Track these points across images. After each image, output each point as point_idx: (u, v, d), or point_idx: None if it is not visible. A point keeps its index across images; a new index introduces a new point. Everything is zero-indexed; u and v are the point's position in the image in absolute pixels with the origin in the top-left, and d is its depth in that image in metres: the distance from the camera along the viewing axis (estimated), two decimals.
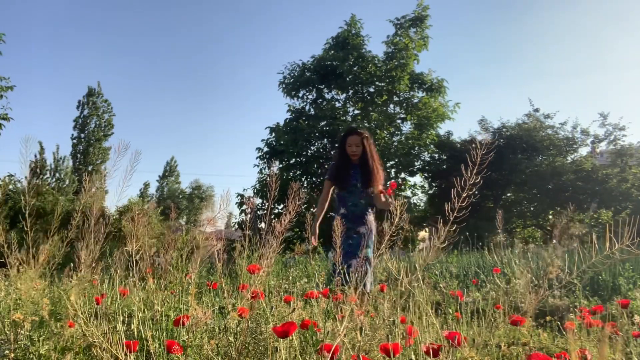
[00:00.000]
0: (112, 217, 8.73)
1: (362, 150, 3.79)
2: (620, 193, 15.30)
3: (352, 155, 3.77)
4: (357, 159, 3.79)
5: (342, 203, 3.74)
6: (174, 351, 1.50)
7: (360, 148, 3.78)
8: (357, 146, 3.77)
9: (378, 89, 17.41)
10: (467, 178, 1.35)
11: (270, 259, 1.77)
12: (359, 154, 3.78)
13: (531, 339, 2.41)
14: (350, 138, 3.80)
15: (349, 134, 3.84)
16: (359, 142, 3.78)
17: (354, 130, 3.87)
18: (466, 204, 1.37)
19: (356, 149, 3.77)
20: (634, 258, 5.52)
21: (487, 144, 1.34)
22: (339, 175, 3.80)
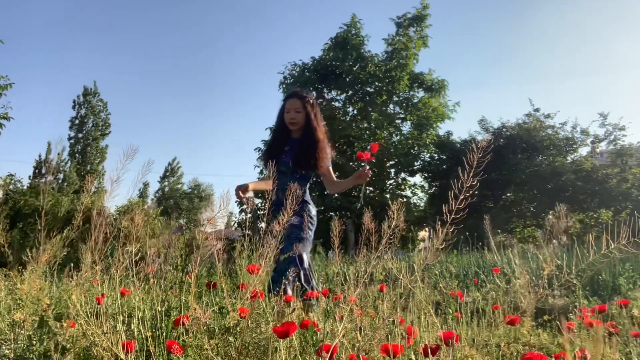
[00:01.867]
0: (113, 217, 8.74)
1: (304, 117, 2.98)
2: (620, 193, 15.29)
3: (290, 124, 2.97)
4: (298, 129, 3.00)
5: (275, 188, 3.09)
6: (174, 351, 1.50)
7: (301, 115, 2.98)
8: (298, 112, 2.97)
9: (378, 88, 17.41)
10: (464, 181, 1.36)
11: (269, 259, 1.77)
12: (299, 123, 2.98)
13: (531, 338, 2.41)
14: (289, 102, 3.01)
15: (289, 97, 3.07)
16: (299, 107, 2.98)
17: (295, 93, 3.07)
18: (463, 205, 1.38)
19: (295, 115, 2.97)
20: (634, 258, 5.52)
21: (483, 146, 1.34)
22: (269, 150, 3.04)
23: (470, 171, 1.34)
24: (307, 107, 2.99)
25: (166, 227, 10.72)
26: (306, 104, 2.99)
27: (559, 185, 15.78)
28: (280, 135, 3.05)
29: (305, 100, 2.99)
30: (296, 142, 2.99)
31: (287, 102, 3.03)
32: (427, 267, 5.01)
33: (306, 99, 3.00)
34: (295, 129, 3.02)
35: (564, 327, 2.33)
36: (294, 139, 3.02)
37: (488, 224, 2.58)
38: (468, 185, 1.35)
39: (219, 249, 2.37)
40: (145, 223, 2.21)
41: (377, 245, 1.64)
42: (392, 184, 17.47)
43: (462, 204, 1.38)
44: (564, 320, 2.58)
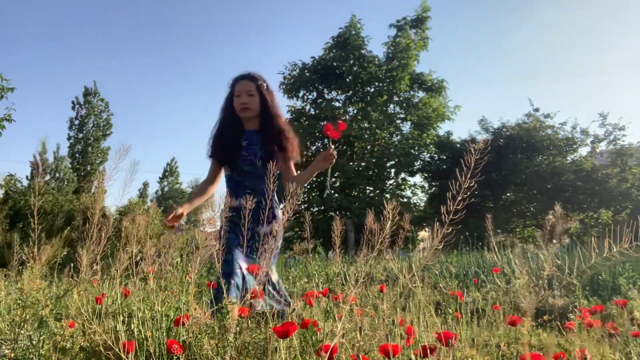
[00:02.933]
0: (113, 217, 8.75)
1: (259, 102, 2.46)
2: (620, 193, 15.30)
3: (241, 110, 2.43)
4: (252, 118, 2.49)
5: (233, 191, 2.43)
6: (174, 351, 1.50)
7: (254, 99, 2.44)
8: (250, 95, 2.44)
9: (378, 89, 17.41)
10: (462, 182, 1.36)
11: (269, 259, 1.77)
12: (253, 109, 2.45)
13: (531, 338, 2.41)
14: (239, 85, 2.46)
15: (238, 79, 2.51)
16: (252, 89, 2.44)
17: (245, 74, 2.53)
18: (463, 206, 1.38)
19: (248, 99, 2.43)
20: (634, 258, 5.52)
21: (480, 148, 1.34)
22: (223, 146, 2.48)
23: (468, 173, 1.35)
24: (262, 90, 2.46)
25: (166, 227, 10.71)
26: (260, 87, 2.45)
27: (559, 185, 15.78)
28: (231, 127, 2.46)
29: (258, 83, 2.46)
30: (256, 134, 2.45)
31: (236, 85, 2.47)
32: (427, 267, 5.01)
33: (259, 82, 2.48)
34: (249, 117, 2.46)
35: (566, 328, 2.33)
36: (250, 130, 2.48)
37: (489, 224, 2.57)
38: (466, 187, 1.35)
39: (218, 249, 2.37)
40: (147, 224, 2.21)
41: (379, 245, 1.64)
42: (392, 184, 17.48)
43: (460, 205, 1.38)
44: (565, 320, 2.59)
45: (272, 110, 2.49)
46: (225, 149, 2.47)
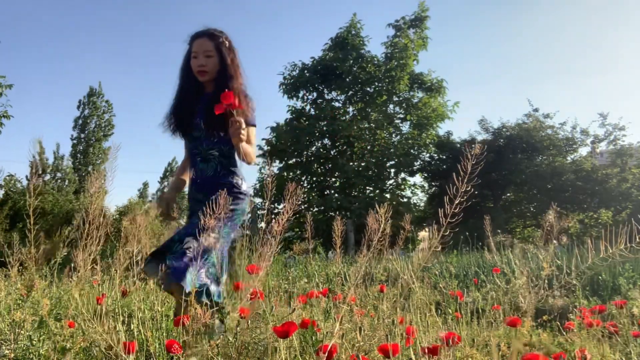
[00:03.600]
0: (112, 217, 8.74)
1: (219, 62, 2.19)
2: (620, 193, 15.30)
3: (199, 73, 2.19)
4: (211, 80, 2.23)
5: (190, 161, 2.28)
6: (174, 350, 1.50)
7: (213, 60, 2.19)
8: (209, 56, 2.18)
9: (378, 89, 17.42)
10: (459, 185, 1.36)
11: (269, 259, 1.77)
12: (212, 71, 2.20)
13: (531, 338, 2.41)
14: (197, 43, 2.20)
15: (196, 37, 2.25)
16: (211, 49, 2.18)
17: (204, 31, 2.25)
18: (461, 208, 1.38)
19: (206, 60, 2.18)
20: (634, 258, 5.52)
21: (477, 154, 1.34)
22: (177, 112, 2.25)
23: (464, 177, 1.35)
24: (222, 49, 2.18)
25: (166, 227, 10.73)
26: (220, 45, 2.18)
27: (559, 185, 15.79)
28: (189, 91, 2.24)
29: (219, 41, 2.19)
30: (209, 96, 2.19)
31: (194, 43, 2.21)
32: (427, 268, 5.01)
33: (220, 39, 2.20)
34: (208, 80, 2.22)
35: (566, 328, 2.33)
36: (208, 93, 2.23)
37: (488, 224, 2.56)
38: (463, 190, 1.35)
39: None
40: (147, 224, 2.22)
41: (380, 245, 1.64)
42: (392, 184, 17.48)
43: (458, 208, 1.38)
44: (565, 320, 2.59)
45: (229, 72, 2.19)
46: (180, 115, 2.24)
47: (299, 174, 17.19)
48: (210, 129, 2.17)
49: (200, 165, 2.19)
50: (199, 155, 2.20)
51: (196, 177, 2.21)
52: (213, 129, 2.16)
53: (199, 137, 2.20)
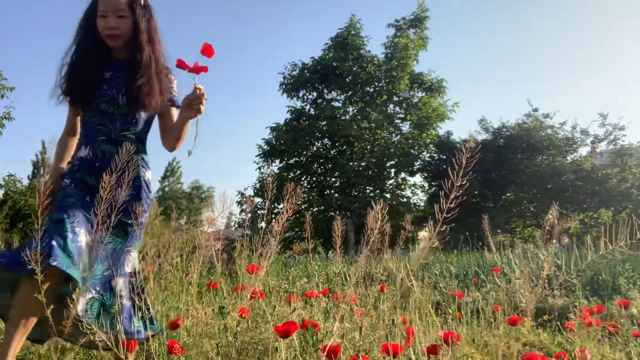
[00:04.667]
0: None
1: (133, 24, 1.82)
2: (620, 193, 15.30)
3: (109, 37, 1.80)
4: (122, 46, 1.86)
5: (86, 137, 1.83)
6: (174, 351, 1.50)
7: (126, 21, 1.81)
8: (121, 16, 1.80)
9: (378, 89, 17.43)
10: (455, 181, 1.36)
11: (269, 259, 1.78)
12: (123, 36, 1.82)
13: (531, 338, 2.41)
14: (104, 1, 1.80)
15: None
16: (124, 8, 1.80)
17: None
18: (456, 205, 1.38)
19: (117, 22, 1.80)
20: (634, 258, 5.53)
21: (471, 147, 1.35)
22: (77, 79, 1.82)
23: (460, 172, 1.35)
24: (137, 9, 1.81)
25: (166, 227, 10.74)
26: (135, 4, 1.81)
27: (559, 185, 15.79)
28: (92, 56, 1.82)
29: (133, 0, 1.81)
30: (125, 64, 1.85)
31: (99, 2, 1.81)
32: (427, 267, 5.00)
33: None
34: (118, 45, 1.84)
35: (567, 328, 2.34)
36: (118, 60, 1.87)
37: (486, 224, 2.57)
38: (458, 185, 1.35)
39: (218, 249, 2.37)
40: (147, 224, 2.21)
41: (379, 244, 1.64)
42: (392, 184, 17.49)
43: (453, 203, 1.38)
44: (564, 319, 2.59)
45: (149, 35, 1.85)
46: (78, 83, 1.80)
47: (298, 174, 17.19)
48: (132, 105, 1.80)
49: (105, 147, 1.76)
50: (105, 135, 1.78)
51: (94, 157, 1.76)
52: (135, 105, 1.81)
53: (111, 113, 1.79)
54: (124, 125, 1.81)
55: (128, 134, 1.82)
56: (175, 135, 1.87)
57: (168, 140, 1.91)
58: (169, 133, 1.90)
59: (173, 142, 1.89)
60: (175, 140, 1.88)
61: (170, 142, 1.90)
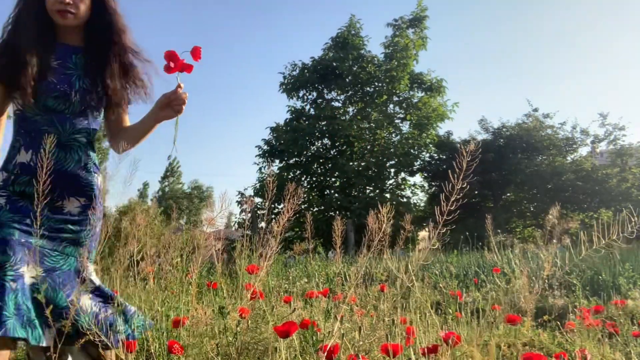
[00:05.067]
0: (113, 217, 8.75)
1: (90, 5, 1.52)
2: (620, 193, 15.30)
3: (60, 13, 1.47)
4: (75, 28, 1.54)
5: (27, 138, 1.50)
6: (174, 351, 1.50)
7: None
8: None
9: (378, 89, 17.44)
10: (456, 183, 1.36)
11: (269, 260, 1.78)
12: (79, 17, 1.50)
13: (532, 338, 2.42)
14: None
15: None
16: None
17: None
18: (457, 207, 1.38)
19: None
20: (634, 258, 5.53)
21: (472, 150, 1.35)
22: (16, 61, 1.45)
23: (460, 174, 1.35)
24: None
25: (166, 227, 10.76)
26: None
27: (559, 185, 15.80)
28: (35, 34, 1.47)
29: None
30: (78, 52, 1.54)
31: None
32: (427, 267, 5.01)
33: None
34: (71, 25, 1.51)
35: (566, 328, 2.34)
36: (67, 45, 1.54)
37: (489, 224, 2.56)
38: (459, 188, 1.35)
39: (218, 249, 2.37)
40: (147, 224, 2.21)
41: (380, 245, 1.64)
42: (392, 184, 17.49)
43: (454, 205, 1.38)
44: (564, 319, 2.59)
45: (113, 20, 1.54)
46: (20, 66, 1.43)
47: (298, 174, 17.20)
48: (89, 104, 1.53)
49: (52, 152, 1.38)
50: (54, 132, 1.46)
51: (35, 164, 1.42)
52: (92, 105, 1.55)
53: (60, 112, 1.49)
54: (75, 127, 1.51)
55: (79, 137, 1.53)
56: (138, 135, 1.66)
57: (124, 139, 1.64)
58: (125, 133, 1.67)
59: (130, 143, 1.65)
60: (135, 141, 1.66)
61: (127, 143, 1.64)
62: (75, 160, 1.52)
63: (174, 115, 1.58)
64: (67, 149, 1.51)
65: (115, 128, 1.70)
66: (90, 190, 1.54)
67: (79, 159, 1.53)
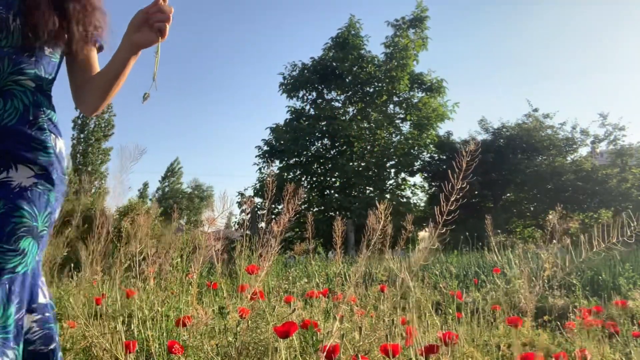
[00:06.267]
0: (113, 217, 8.74)
1: None
2: (620, 193, 15.31)
3: None
4: None
5: None
6: (174, 351, 1.50)
7: None
8: None
9: (378, 89, 17.45)
10: (455, 184, 1.36)
11: (268, 260, 1.78)
12: None
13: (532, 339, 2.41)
14: None
15: None
16: None
17: None
18: (457, 207, 1.38)
19: None
20: (634, 258, 5.53)
21: (472, 150, 1.35)
22: None
23: (460, 173, 1.35)
24: None
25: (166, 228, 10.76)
26: None
27: (559, 185, 15.80)
28: None
29: None
30: None
31: None
32: (427, 267, 5.00)
33: None
34: None
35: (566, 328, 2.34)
36: None
37: (489, 225, 2.57)
38: (459, 188, 1.35)
39: (218, 250, 2.37)
40: (148, 224, 2.22)
41: (380, 245, 1.65)
42: (392, 184, 17.50)
43: (454, 205, 1.38)
44: (564, 320, 2.59)
45: None
46: None
47: (299, 174, 17.20)
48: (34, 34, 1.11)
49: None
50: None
51: None
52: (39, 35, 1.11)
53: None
54: (16, 66, 1.10)
55: (23, 80, 1.11)
56: (108, 80, 1.21)
57: (89, 93, 1.24)
58: (92, 83, 1.24)
59: (99, 96, 1.23)
60: (105, 91, 1.22)
61: (94, 96, 1.24)
62: (19, 112, 1.08)
63: (154, 38, 1.16)
64: (7, 96, 1.08)
65: (80, 78, 1.25)
66: (44, 155, 1.08)
67: (25, 110, 1.09)
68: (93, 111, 1.27)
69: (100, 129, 26.42)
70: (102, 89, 1.22)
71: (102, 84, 1.22)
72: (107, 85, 1.22)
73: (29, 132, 1.08)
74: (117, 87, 1.23)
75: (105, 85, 1.22)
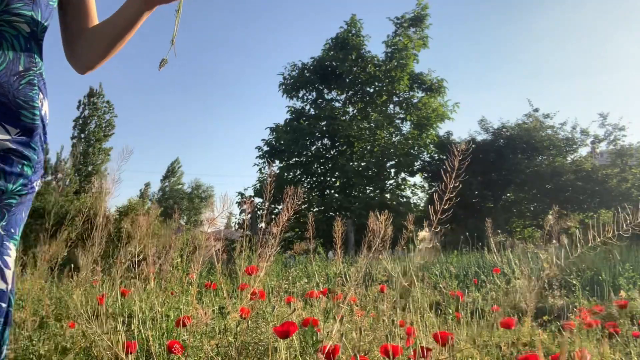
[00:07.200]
0: (113, 217, 8.75)
1: None
2: (620, 193, 15.31)
3: None
4: None
5: None
6: (175, 351, 1.50)
7: None
8: None
9: (378, 89, 17.46)
10: (448, 183, 1.37)
11: (268, 260, 1.78)
12: None
13: (532, 339, 2.41)
14: None
15: None
16: None
17: None
18: (453, 206, 1.39)
19: None
20: (634, 258, 5.53)
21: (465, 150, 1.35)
22: None
23: (452, 175, 1.36)
24: None
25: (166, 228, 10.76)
26: None
27: (559, 185, 15.80)
28: None
29: None
30: None
31: None
32: (427, 268, 5.00)
33: None
34: None
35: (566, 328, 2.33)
36: None
37: (489, 225, 2.57)
38: (452, 186, 1.36)
39: (218, 250, 2.37)
40: (149, 224, 2.22)
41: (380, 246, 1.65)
42: (392, 184, 17.50)
43: (449, 204, 1.39)
44: (564, 320, 2.59)
45: None
46: None
47: (299, 174, 17.21)
48: None
49: None
50: None
51: None
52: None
53: None
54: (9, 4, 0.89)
55: (18, 23, 0.90)
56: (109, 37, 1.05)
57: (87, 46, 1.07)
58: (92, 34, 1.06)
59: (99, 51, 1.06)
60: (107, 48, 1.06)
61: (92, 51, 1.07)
62: (7, 59, 0.87)
63: None
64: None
65: (76, 25, 1.07)
66: (29, 116, 0.89)
67: (14, 57, 0.88)
68: (88, 68, 1.10)
69: (100, 129, 26.42)
70: (104, 43, 1.05)
71: (104, 37, 1.05)
72: (110, 40, 1.04)
73: (15, 83, 0.87)
74: (121, 44, 1.06)
75: (108, 39, 1.04)
